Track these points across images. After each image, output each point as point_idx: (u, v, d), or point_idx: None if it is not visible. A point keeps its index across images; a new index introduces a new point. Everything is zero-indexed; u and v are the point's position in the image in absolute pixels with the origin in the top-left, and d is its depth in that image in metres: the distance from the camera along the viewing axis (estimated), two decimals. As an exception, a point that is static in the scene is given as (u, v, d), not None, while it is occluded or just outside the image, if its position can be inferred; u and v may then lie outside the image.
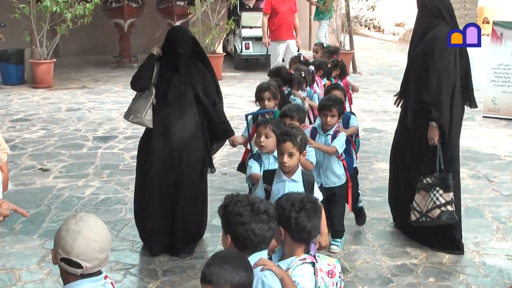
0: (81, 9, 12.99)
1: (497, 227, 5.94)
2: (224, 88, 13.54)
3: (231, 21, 14.90)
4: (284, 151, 4.06)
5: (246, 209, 2.75)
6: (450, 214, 5.07)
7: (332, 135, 5.29)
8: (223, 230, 2.83)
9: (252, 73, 15.85)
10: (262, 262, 2.76)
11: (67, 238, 2.49)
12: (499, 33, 10.38)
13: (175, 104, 5.17)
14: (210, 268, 2.50)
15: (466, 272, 5.04)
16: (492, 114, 10.47)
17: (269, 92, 5.67)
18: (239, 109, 11.16)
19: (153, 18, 17.61)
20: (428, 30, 5.29)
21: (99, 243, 2.52)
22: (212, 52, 14.92)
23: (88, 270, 2.51)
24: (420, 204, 5.16)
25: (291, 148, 4.04)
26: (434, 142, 5.16)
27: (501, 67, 10.37)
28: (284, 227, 2.97)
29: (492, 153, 8.41)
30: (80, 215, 2.59)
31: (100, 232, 2.55)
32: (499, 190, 6.95)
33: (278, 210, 2.97)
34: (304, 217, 2.95)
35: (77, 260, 2.48)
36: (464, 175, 7.41)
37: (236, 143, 5.55)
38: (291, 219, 2.95)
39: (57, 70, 14.28)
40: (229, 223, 2.77)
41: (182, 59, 5.17)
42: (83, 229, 2.50)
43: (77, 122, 10.23)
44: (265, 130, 4.62)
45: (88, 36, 17.36)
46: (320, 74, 7.51)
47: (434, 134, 5.15)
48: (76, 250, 2.47)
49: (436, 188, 5.08)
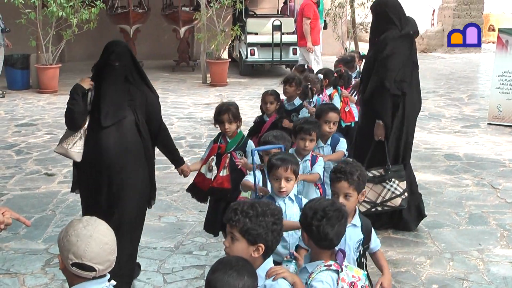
0: (86, 14, 13.04)
1: (501, 234, 5.92)
2: (229, 94, 13.67)
3: (237, 27, 14.95)
4: (340, 192, 3.53)
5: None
6: (405, 200, 5.64)
7: (311, 160, 4.80)
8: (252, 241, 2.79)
9: (257, 79, 15.89)
10: (274, 272, 2.79)
11: (78, 243, 2.50)
12: (505, 41, 10.38)
13: (112, 129, 4.44)
14: (214, 275, 2.51)
15: (470, 279, 5.02)
16: (497, 121, 10.45)
17: (229, 114, 5.07)
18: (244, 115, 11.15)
19: (158, 24, 17.68)
20: (380, 35, 5.77)
21: (110, 245, 2.56)
22: (218, 58, 14.99)
23: (100, 272, 2.54)
24: (368, 195, 5.45)
25: (347, 188, 3.51)
26: (381, 138, 5.67)
27: (506, 75, 10.36)
28: (307, 233, 3.01)
29: (497, 160, 8.40)
30: (86, 219, 2.61)
31: (109, 234, 2.59)
32: (503, 197, 6.94)
33: (302, 216, 3.02)
34: (326, 225, 2.94)
35: (91, 264, 2.50)
36: (469, 182, 7.41)
37: (186, 173, 4.97)
38: (312, 226, 2.96)
39: (62, 75, 14.33)
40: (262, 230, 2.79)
41: (119, 72, 4.51)
42: (94, 233, 2.53)
43: (82, 127, 10.23)
44: (285, 174, 3.83)
45: (94, 41, 17.36)
46: (326, 83, 7.42)
47: (380, 131, 5.66)
48: (89, 254, 2.49)
49: (392, 179, 5.58)
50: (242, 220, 2.76)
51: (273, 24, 15.82)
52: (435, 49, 22.28)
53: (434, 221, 6.19)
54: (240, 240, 2.76)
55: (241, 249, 2.76)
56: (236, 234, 2.77)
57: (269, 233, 2.77)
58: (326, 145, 5.30)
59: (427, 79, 15.88)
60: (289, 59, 16.23)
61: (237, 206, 2.83)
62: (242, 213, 2.78)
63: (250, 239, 2.75)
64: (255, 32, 16.39)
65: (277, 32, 15.78)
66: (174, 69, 17.33)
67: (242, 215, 2.77)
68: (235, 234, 2.77)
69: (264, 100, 6.16)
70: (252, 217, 2.77)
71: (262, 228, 2.76)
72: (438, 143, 9.31)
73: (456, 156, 8.60)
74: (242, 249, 2.76)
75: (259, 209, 2.79)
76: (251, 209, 2.79)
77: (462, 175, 7.71)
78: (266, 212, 2.80)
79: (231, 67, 15.96)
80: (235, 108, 5.18)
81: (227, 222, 2.83)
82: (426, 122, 10.67)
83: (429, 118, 11.08)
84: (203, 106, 12.27)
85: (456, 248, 5.61)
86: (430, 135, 9.81)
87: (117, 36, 16.70)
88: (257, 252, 2.77)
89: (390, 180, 5.57)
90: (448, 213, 6.41)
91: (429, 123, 10.63)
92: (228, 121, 5.08)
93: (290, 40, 16.22)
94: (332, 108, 5.55)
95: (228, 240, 2.81)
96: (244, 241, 2.76)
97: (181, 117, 11.21)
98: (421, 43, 22.90)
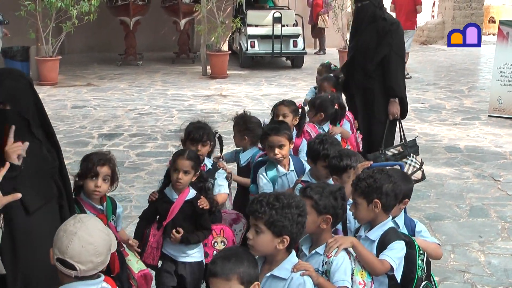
0: (86, 6, 13.01)
1: (502, 227, 5.92)
2: (230, 86, 13.65)
3: (237, 19, 14.91)
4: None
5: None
6: (424, 173, 5.89)
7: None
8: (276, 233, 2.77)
9: (257, 71, 15.87)
10: (302, 267, 2.80)
11: (63, 238, 2.46)
12: (505, 33, 10.35)
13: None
14: (214, 263, 2.51)
15: (471, 271, 5.03)
16: (498, 114, 10.43)
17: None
18: (244, 106, 11.15)
19: (158, 16, 17.63)
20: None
21: (94, 246, 2.48)
22: (218, 50, 14.96)
23: (82, 272, 2.47)
24: None
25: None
26: (396, 117, 6.16)
27: (507, 67, 10.33)
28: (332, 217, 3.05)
29: (497, 153, 8.39)
30: (80, 217, 2.56)
31: (98, 235, 2.51)
32: (504, 189, 6.93)
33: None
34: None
35: (71, 262, 2.45)
36: (469, 174, 7.41)
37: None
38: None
39: (62, 67, 14.31)
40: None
41: (11, 120, 3.09)
42: (80, 230, 2.47)
43: (82, 120, 10.25)
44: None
45: (94, 33, 17.40)
46: (321, 117, 5.43)
47: (395, 108, 6.13)
48: (71, 251, 2.44)
49: (411, 155, 5.81)
50: (268, 212, 2.73)
51: (274, 16, 15.79)
52: (435, 41, 22.23)
53: (435, 214, 6.19)
54: (265, 232, 2.74)
55: (266, 241, 2.74)
56: (261, 226, 2.74)
57: (294, 225, 2.76)
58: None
59: (427, 71, 15.87)
60: (289, 51, 16.21)
61: (262, 198, 2.81)
62: (268, 205, 2.75)
63: (276, 231, 2.73)
64: (255, 24, 16.36)
65: (277, 24, 15.74)
66: (174, 61, 17.29)
67: (268, 207, 2.74)
68: (260, 226, 2.74)
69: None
70: (278, 209, 2.74)
71: (287, 220, 2.74)
72: (439, 135, 9.30)
73: (457, 148, 8.59)
74: (267, 241, 2.74)
75: (284, 201, 2.77)
76: (276, 201, 2.76)
77: (462, 167, 7.71)
78: (291, 204, 2.78)
79: (231, 59, 15.92)
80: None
81: (252, 214, 2.80)
82: (426, 115, 10.66)
83: (429, 110, 11.07)
84: (203, 98, 12.25)
85: (457, 240, 5.61)
86: (431, 127, 9.80)
87: (117, 28, 16.70)
88: (282, 244, 2.76)
89: (410, 155, 5.79)
90: (449, 206, 6.41)
91: (430, 115, 10.62)
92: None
93: (291, 32, 16.20)
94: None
95: (252, 232, 2.78)
96: (269, 233, 2.73)
97: (181, 109, 11.19)
98: (421, 35, 22.85)
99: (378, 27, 6.19)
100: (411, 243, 3.19)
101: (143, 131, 9.46)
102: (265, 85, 13.88)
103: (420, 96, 12.39)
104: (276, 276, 2.78)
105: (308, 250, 3.07)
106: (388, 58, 6.14)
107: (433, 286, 3.29)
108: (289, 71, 16.15)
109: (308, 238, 3.10)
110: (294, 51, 16.22)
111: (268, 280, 2.79)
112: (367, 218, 3.20)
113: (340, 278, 2.88)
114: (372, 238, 3.17)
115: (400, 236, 3.17)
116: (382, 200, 3.13)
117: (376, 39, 6.17)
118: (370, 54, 6.20)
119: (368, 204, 3.14)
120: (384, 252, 3.08)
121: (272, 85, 13.86)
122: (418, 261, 3.15)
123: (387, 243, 3.11)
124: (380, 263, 3.02)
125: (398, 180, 3.23)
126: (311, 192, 3.06)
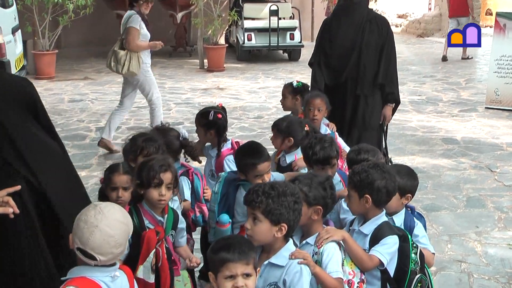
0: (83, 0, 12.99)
1: (499, 217, 5.95)
2: (227, 79, 13.65)
3: (234, 13, 14.90)
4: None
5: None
6: None
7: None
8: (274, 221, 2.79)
9: (255, 64, 15.87)
10: (301, 255, 2.82)
11: (84, 230, 2.48)
12: (502, 24, 10.35)
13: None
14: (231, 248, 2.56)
15: (467, 261, 5.05)
16: (495, 105, 10.45)
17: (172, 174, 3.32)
18: (241, 100, 11.16)
19: (155, 9, 17.50)
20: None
21: (115, 239, 2.51)
22: (215, 44, 14.96)
23: (102, 262, 2.52)
24: None
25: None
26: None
27: (504, 59, 10.34)
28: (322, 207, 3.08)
29: (494, 144, 8.41)
30: (101, 207, 2.56)
31: (118, 227, 2.54)
32: (501, 180, 6.96)
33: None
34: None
35: (92, 253, 2.48)
36: (466, 165, 7.43)
37: None
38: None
39: (59, 61, 14.30)
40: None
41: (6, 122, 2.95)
42: (101, 223, 2.49)
43: (80, 113, 10.25)
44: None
45: (90, 27, 17.37)
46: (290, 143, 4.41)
47: (391, 113, 5.98)
48: (92, 243, 2.47)
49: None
50: (265, 201, 2.76)
51: (270, 9, 15.78)
52: (432, 33, 22.22)
53: (432, 204, 6.21)
54: (263, 221, 2.76)
55: (264, 230, 2.77)
56: (258, 215, 2.77)
57: (291, 212, 2.79)
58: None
59: (424, 64, 15.88)
60: (286, 44, 16.21)
61: (258, 188, 2.84)
62: (264, 194, 2.78)
63: (274, 219, 2.76)
64: (252, 18, 16.35)
65: (274, 17, 15.73)
66: (171, 55, 17.29)
67: (264, 196, 2.77)
68: (258, 215, 2.77)
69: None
70: (274, 197, 2.77)
71: (284, 207, 2.77)
72: (436, 127, 9.31)
73: (454, 140, 8.61)
74: (265, 230, 2.77)
75: (280, 189, 2.80)
76: (272, 189, 2.80)
77: (459, 158, 7.73)
78: (286, 192, 2.81)
79: (228, 52, 15.92)
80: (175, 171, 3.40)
81: (248, 205, 2.82)
82: (423, 107, 10.68)
83: (426, 102, 11.09)
84: (200, 92, 12.25)
85: (454, 230, 5.63)
86: (428, 119, 9.81)
87: (114, 22, 16.61)
88: (280, 232, 2.78)
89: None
90: (446, 196, 6.44)
91: (427, 107, 10.64)
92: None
93: (287, 25, 16.20)
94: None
95: (250, 222, 2.80)
96: (267, 222, 2.76)
97: (179, 102, 11.20)
98: (418, 28, 22.84)
99: (375, 27, 6.00)
100: (405, 236, 3.18)
101: (141, 124, 9.46)
102: (262, 78, 13.89)
103: (417, 88, 12.41)
104: (274, 264, 2.81)
105: (299, 240, 3.10)
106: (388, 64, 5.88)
107: (427, 279, 3.27)
108: (286, 64, 16.16)
109: (299, 228, 3.11)
110: (291, 44, 16.22)
111: (266, 268, 2.82)
112: (359, 210, 3.20)
113: (333, 269, 2.90)
114: (365, 232, 3.16)
115: (394, 230, 3.16)
116: (373, 196, 3.10)
117: (378, 44, 5.88)
118: (375, 67, 5.81)
119: (360, 198, 3.13)
120: (374, 247, 3.08)
121: (269, 78, 13.86)
122: (412, 254, 3.15)
123: (379, 237, 3.10)
124: (369, 259, 3.04)
125: (393, 176, 3.18)
126: (300, 184, 3.07)
